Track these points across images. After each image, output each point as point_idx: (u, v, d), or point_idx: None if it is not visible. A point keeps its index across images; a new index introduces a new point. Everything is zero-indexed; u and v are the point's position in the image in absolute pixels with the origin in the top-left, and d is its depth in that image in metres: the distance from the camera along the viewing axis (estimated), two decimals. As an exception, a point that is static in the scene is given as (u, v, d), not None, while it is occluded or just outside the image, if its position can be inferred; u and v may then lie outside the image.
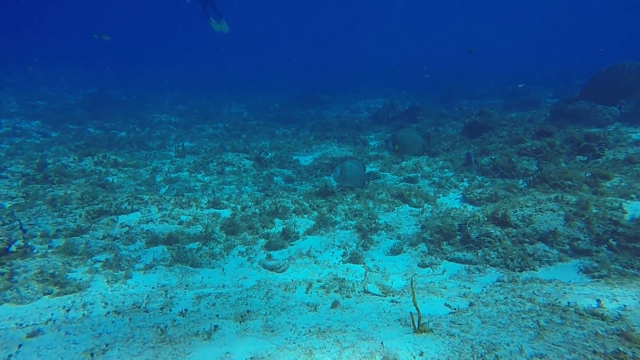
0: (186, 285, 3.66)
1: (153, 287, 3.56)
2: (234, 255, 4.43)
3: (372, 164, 8.18)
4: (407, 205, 5.49)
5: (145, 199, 5.44)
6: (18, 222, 4.16)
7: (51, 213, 4.58)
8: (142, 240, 4.51)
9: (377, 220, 4.97)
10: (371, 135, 12.43)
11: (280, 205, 5.57)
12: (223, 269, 4.12)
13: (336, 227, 5.06)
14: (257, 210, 5.70)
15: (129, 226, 4.70)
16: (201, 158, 9.32)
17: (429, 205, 5.36)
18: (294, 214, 5.52)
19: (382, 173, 7.29)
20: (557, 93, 16.21)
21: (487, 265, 3.60)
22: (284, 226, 5.13)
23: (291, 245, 4.70)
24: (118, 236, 4.42)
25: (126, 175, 7.55)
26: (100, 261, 3.89)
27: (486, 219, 4.15)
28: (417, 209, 5.29)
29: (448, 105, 17.31)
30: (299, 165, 9.15)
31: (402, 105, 14.39)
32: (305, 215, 5.50)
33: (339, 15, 74.27)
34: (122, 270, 3.78)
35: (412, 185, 6.29)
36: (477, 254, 3.79)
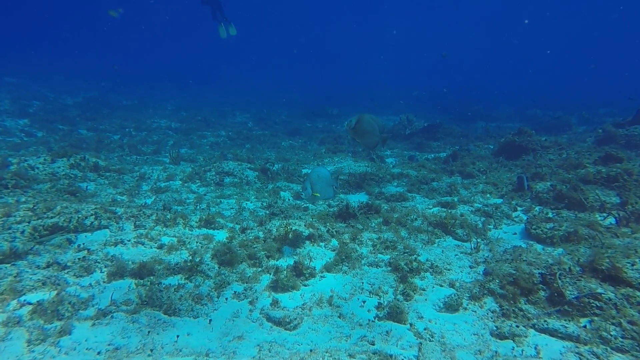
0: (151, 350, 2.42)
1: (99, 353, 2.32)
2: (227, 299, 3.20)
3: (395, 183, 7.02)
4: (451, 237, 4.28)
5: (119, 213, 4.25)
6: None
7: (-19, 227, 3.39)
8: (104, 270, 3.29)
9: (417, 256, 3.76)
10: (386, 151, 11.34)
11: (291, 228, 4.37)
12: (210, 320, 2.89)
13: (363, 262, 3.84)
14: (260, 233, 4.50)
15: (88, 249, 3.49)
16: (198, 166, 8.19)
17: (479, 240, 4.16)
18: (307, 242, 4.31)
19: (409, 194, 6.11)
20: (582, 120, 15.26)
21: (609, 349, 2.38)
22: (296, 257, 3.92)
23: (305, 285, 3.47)
24: (69, 264, 3.21)
25: (107, 182, 6.38)
26: (30, 304, 2.66)
27: (579, 268, 2.95)
28: (467, 244, 4.07)
29: (464, 126, 16.34)
30: (308, 180, 8.00)
31: (419, 122, 13.38)
32: (322, 244, 4.29)
33: (349, 32, 75.03)
34: (59, 321, 2.55)
35: (451, 211, 5.09)
36: (584, 326, 2.56)
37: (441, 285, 3.19)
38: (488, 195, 5.50)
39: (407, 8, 65.51)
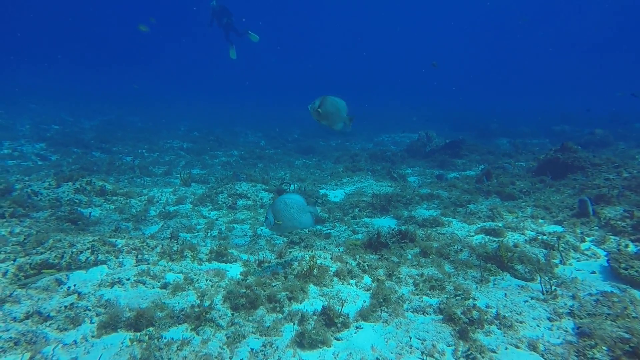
0: None
1: None
2: None
3: (425, 205, 6.35)
4: (509, 274, 3.56)
5: (120, 245, 3.72)
6: None
7: (-44, 268, 2.89)
8: (94, 320, 2.72)
9: (474, 301, 3.06)
10: (407, 169, 10.70)
11: (316, 262, 3.74)
12: (221, 392, 2.25)
13: (405, 306, 3.17)
14: (280, 268, 3.88)
15: (79, 293, 2.94)
16: (209, 188, 7.71)
17: (548, 280, 3.42)
18: (335, 278, 3.66)
19: (444, 219, 5.42)
20: (618, 136, 14.33)
21: None
22: (324, 300, 3.28)
23: (338, 340, 2.81)
24: (53, 314, 2.65)
25: (113, 207, 5.92)
26: (-5, 374, 2.10)
27: None
28: (533, 285, 3.34)
29: (485, 142, 15.61)
30: (327, 202, 7.41)
31: (439, 138, 12.75)
32: (353, 282, 3.64)
33: (361, 48, 75.97)
34: (26, 400, 1.96)
35: (501, 240, 4.38)
36: None
37: (517, 347, 2.48)
38: (540, 220, 4.77)
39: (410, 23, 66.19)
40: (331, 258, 4.03)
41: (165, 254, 3.89)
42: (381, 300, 3.23)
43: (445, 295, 3.17)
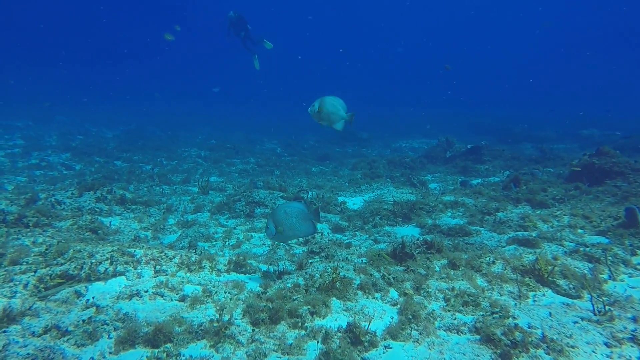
0: None
1: None
2: (264, 380, 2.40)
3: (450, 213, 6.08)
4: (550, 290, 3.27)
5: (138, 256, 3.66)
6: None
7: (-23, 280, 2.87)
8: (112, 335, 2.63)
9: (514, 320, 2.80)
10: (427, 176, 10.41)
11: (338, 274, 3.56)
12: (243, 418, 2.09)
13: (437, 324, 2.94)
14: (301, 279, 3.72)
15: (97, 306, 2.86)
16: (227, 196, 7.67)
17: (598, 297, 3.12)
18: (360, 292, 3.47)
19: (472, 228, 5.15)
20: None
21: None
22: (349, 315, 3.10)
23: (365, 360, 2.62)
24: (71, 328, 2.57)
25: (132, 216, 5.93)
26: (10, 394, 2.01)
27: None
28: (580, 303, 3.04)
29: (508, 147, 15.10)
30: (346, 209, 7.22)
31: (460, 143, 12.39)
32: (379, 295, 3.44)
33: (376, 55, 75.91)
34: None
35: (537, 251, 4.08)
36: None
37: (569, 376, 2.22)
38: (580, 231, 4.43)
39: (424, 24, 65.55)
40: (354, 270, 3.84)
41: (184, 265, 3.80)
42: (410, 316, 3.02)
43: (481, 313, 2.93)
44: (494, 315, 2.81)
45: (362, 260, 4.18)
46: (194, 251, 4.47)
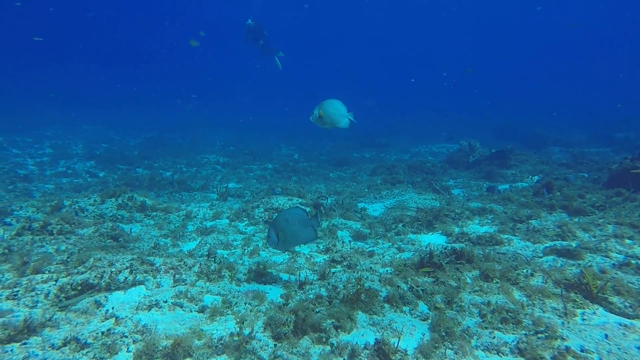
0: None
1: None
2: (288, 402, 2.24)
3: (477, 220, 5.77)
4: (602, 308, 2.97)
5: (158, 264, 3.59)
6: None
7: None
8: (131, 348, 2.53)
9: (564, 342, 2.53)
10: (449, 181, 10.06)
11: (363, 285, 3.37)
12: None
13: (474, 343, 2.70)
14: (323, 290, 3.56)
15: (116, 317, 2.78)
16: (245, 202, 7.61)
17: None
18: (387, 305, 3.27)
19: (503, 236, 4.84)
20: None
21: None
22: (376, 331, 2.90)
23: (397, 382, 2.41)
24: (90, 340, 2.49)
25: (152, 223, 5.94)
26: (26, 412, 1.93)
27: None
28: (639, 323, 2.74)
29: (536, 152, 14.49)
30: (367, 216, 7.01)
31: (483, 148, 11.96)
32: (407, 309, 3.22)
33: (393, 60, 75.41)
34: None
35: (576, 263, 3.76)
36: None
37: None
38: (628, 241, 4.07)
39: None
40: (380, 280, 3.64)
41: (203, 274, 3.71)
42: (443, 333, 2.79)
43: (524, 332, 2.67)
44: (539, 335, 2.55)
45: (387, 271, 3.97)
46: (213, 259, 4.38)
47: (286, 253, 5.28)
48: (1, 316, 2.54)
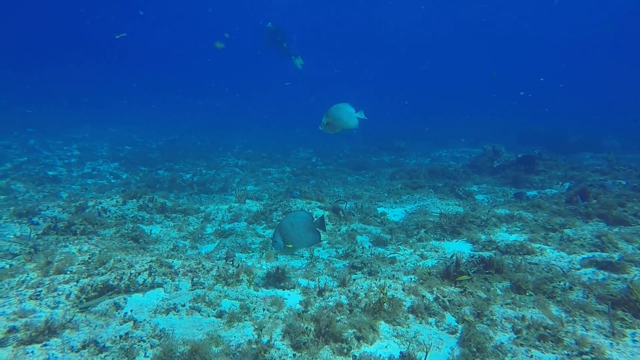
0: None
1: None
2: (308, 418, 2.11)
3: (505, 228, 5.49)
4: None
5: (176, 267, 3.55)
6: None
7: (23, 292, 2.87)
8: (148, 353, 2.48)
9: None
10: (473, 186, 9.71)
11: (386, 294, 3.21)
12: None
13: (508, 360, 2.49)
14: (344, 298, 3.42)
15: (135, 320, 2.74)
16: (264, 205, 7.57)
17: None
18: (411, 315, 3.10)
19: (535, 245, 4.56)
20: None
21: None
22: (401, 343, 2.74)
23: (425, 401, 2.24)
24: (109, 344, 2.46)
25: (172, 224, 5.97)
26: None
27: None
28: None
29: (566, 157, 13.84)
30: (387, 221, 6.83)
31: (508, 153, 11.51)
32: (433, 321, 3.04)
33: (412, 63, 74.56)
34: None
35: (620, 277, 3.47)
36: None
37: None
38: (678, 252, 3.74)
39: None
40: (403, 289, 3.47)
41: (221, 278, 3.64)
42: (474, 349, 2.60)
43: (565, 352, 2.44)
44: (584, 357, 2.32)
45: (411, 279, 3.79)
46: (231, 262, 4.33)
47: (304, 258, 5.17)
48: (24, 316, 2.54)
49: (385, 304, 3.17)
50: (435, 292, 3.36)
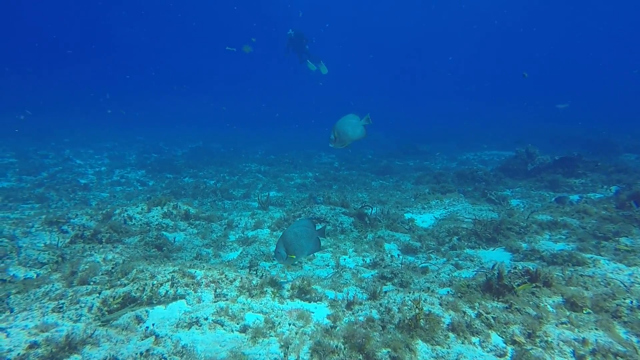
0: None
1: None
2: None
3: (548, 236, 5.04)
4: None
5: (199, 277, 3.43)
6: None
7: (46, 304, 2.82)
8: (169, 372, 2.33)
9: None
10: (505, 191, 9.16)
11: (422, 309, 2.93)
12: None
13: (572, 392, 2.15)
14: (375, 312, 3.16)
15: (156, 335, 2.62)
16: (287, 211, 7.42)
17: None
18: (451, 334, 2.80)
19: (586, 255, 4.12)
20: None
21: None
22: (441, 369, 2.45)
23: None
24: (129, 361, 2.33)
25: (196, 232, 5.92)
26: None
27: None
28: None
29: (608, 159, 12.89)
30: (415, 227, 6.49)
31: (544, 155, 10.84)
32: (477, 340, 2.73)
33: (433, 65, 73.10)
34: None
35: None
36: None
37: None
38: None
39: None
40: (441, 304, 3.17)
41: (245, 289, 3.48)
42: (529, 377, 2.27)
43: (643, 384, 2.08)
44: (670, 392, 1.96)
45: (448, 292, 3.48)
46: (255, 272, 4.17)
47: (330, 267, 4.95)
48: (45, 330, 2.47)
49: (421, 320, 2.89)
50: (477, 308, 3.05)
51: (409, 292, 3.45)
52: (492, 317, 2.93)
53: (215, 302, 3.24)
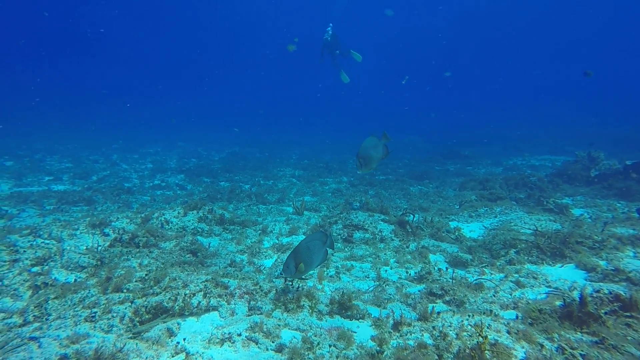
0: None
1: None
2: None
3: (631, 252, 4.29)
4: None
5: (232, 288, 3.20)
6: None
7: (80, 312, 2.71)
8: (199, 397, 2.08)
9: None
10: (565, 199, 8.22)
11: (487, 338, 2.47)
12: None
13: None
14: (427, 336, 2.74)
15: (187, 352, 2.39)
16: (322, 217, 7.12)
17: None
18: (526, 373, 2.31)
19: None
20: None
21: None
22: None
23: None
24: (156, 381, 2.11)
25: (230, 237, 5.78)
26: None
27: None
28: None
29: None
30: (463, 237, 5.91)
31: (609, 159, 9.67)
32: (561, 384, 2.22)
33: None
34: None
35: None
36: None
37: None
38: None
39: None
40: (509, 332, 2.68)
41: (280, 302, 3.20)
42: None
43: None
44: None
45: (516, 317, 2.97)
46: (290, 283, 3.90)
47: (370, 279, 4.56)
48: (76, 342, 2.33)
49: (487, 351, 2.44)
50: (557, 340, 2.53)
51: (468, 315, 2.98)
52: (581, 354, 2.40)
53: (249, 315, 2.99)
